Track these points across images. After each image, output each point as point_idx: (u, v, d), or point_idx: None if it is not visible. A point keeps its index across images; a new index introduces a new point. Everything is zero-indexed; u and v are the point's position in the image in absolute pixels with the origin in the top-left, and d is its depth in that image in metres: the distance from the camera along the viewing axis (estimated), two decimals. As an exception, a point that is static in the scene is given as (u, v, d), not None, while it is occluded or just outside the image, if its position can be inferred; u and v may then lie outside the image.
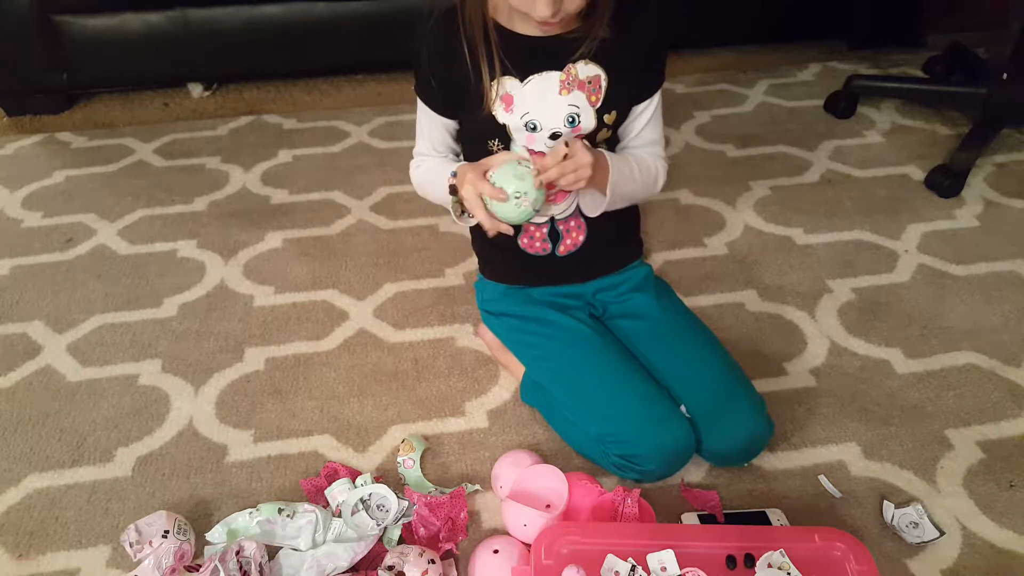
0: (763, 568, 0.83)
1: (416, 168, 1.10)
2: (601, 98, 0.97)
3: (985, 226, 1.53)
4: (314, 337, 1.29)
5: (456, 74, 0.96)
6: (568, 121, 0.97)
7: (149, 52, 1.94)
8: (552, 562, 0.85)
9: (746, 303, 1.35)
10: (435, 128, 1.04)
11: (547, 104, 0.96)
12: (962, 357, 1.23)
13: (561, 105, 0.96)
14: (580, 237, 1.07)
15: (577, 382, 1.03)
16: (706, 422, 0.99)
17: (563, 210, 1.05)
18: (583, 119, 0.97)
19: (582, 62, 0.96)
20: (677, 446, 0.97)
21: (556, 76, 0.95)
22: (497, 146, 1.00)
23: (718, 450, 1.01)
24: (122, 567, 0.95)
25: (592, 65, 0.96)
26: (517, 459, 1.03)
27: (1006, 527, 0.97)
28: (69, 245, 1.53)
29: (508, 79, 0.95)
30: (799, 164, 1.75)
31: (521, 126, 0.97)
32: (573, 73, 0.96)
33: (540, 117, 0.97)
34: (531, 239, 1.07)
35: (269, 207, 1.64)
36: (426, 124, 1.05)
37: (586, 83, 0.96)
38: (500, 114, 0.97)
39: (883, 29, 2.28)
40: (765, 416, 1.02)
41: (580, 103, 0.97)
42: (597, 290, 1.11)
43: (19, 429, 1.14)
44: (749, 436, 1.01)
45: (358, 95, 2.12)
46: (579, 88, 0.96)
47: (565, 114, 0.97)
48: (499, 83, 0.95)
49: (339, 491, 0.97)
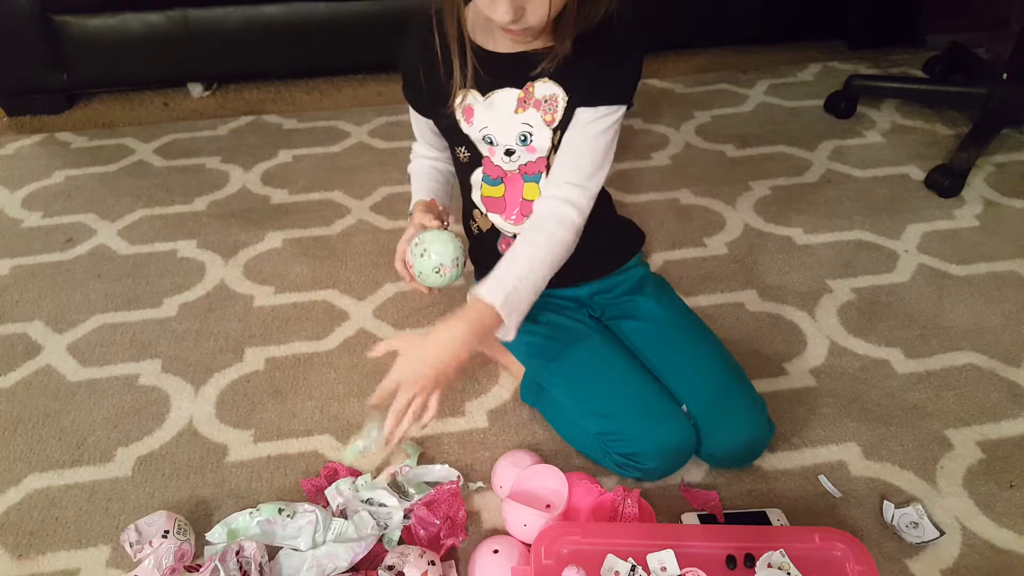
0: (763, 568, 0.83)
1: (411, 163, 1.16)
2: (557, 118, 0.95)
3: (985, 226, 1.53)
4: (314, 337, 1.29)
5: (430, 78, 0.98)
6: (520, 139, 0.97)
7: (149, 52, 1.94)
8: (552, 562, 0.85)
9: (746, 303, 1.35)
10: (419, 122, 1.08)
11: (502, 121, 0.96)
12: (962, 357, 1.23)
13: (514, 123, 0.96)
14: None
15: (577, 380, 1.03)
16: (706, 423, 0.99)
17: None
18: (536, 138, 0.97)
19: (541, 80, 0.94)
20: (678, 443, 0.97)
21: (515, 94, 0.95)
22: (464, 153, 1.02)
23: (718, 452, 1.01)
24: (122, 567, 0.95)
25: (551, 83, 0.94)
26: (517, 459, 1.03)
27: (1006, 527, 0.97)
28: (69, 245, 1.53)
29: (472, 92, 0.96)
30: (799, 164, 1.75)
31: (480, 139, 0.99)
32: (531, 91, 0.95)
33: (495, 133, 0.98)
34: (508, 247, 1.06)
35: (269, 207, 1.64)
36: (412, 116, 1.09)
37: (542, 102, 0.95)
38: (463, 125, 0.99)
39: (883, 29, 2.28)
40: (765, 418, 1.02)
41: (534, 122, 0.96)
42: (594, 293, 1.11)
43: (19, 429, 1.14)
44: (749, 438, 1.01)
45: (358, 95, 2.12)
46: (534, 107, 0.95)
47: (517, 132, 0.97)
48: (464, 95, 0.97)
49: (339, 491, 0.97)
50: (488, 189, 1.04)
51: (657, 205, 1.61)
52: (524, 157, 0.99)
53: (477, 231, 1.10)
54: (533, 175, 1.01)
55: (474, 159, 1.02)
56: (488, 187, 1.04)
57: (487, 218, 1.07)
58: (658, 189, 1.66)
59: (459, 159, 1.04)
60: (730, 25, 2.22)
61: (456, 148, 1.03)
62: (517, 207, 1.04)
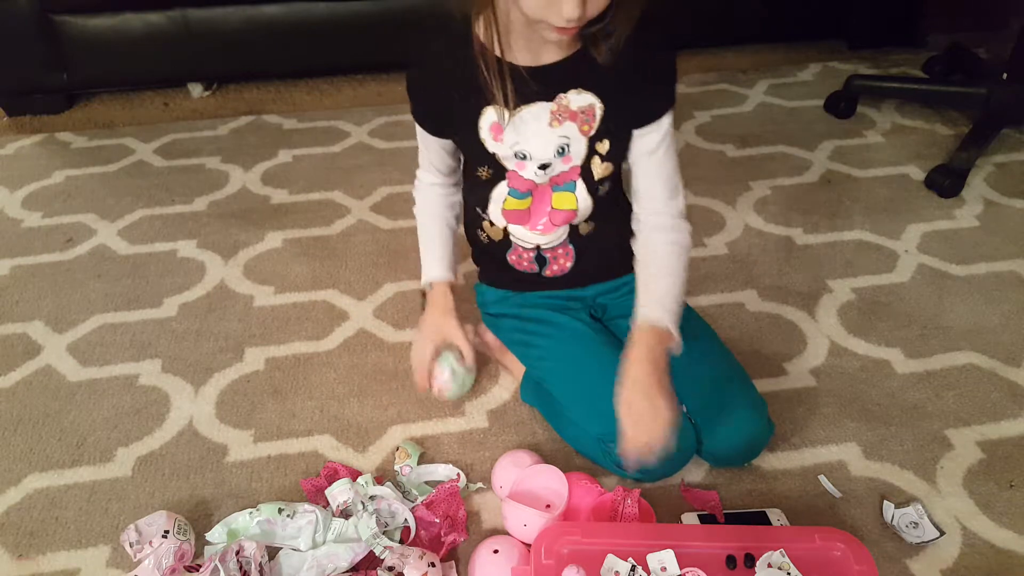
0: (763, 568, 0.83)
1: (417, 192, 1.13)
2: (595, 127, 0.94)
3: (985, 226, 1.53)
4: (314, 337, 1.29)
5: (454, 97, 0.94)
6: (558, 152, 0.95)
7: (149, 52, 1.94)
8: (552, 562, 0.85)
9: (746, 303, 1.35)
10: (429, 145, 1.04)
11: (536, 136, 0.94)
12: (962, 357, 1.23)
13: (551, 137, 0.94)
14: (568, 264, 1.06)
15: (577, 382, 1.03)
16: (706, 423, 0.99)
17: (549, 241, 1.04)
18: (573, 148, 0.95)
19: (574, 91, 0.92)
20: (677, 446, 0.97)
21: (547, 107, 0.92)
22: (486, 171, 0.99)
23: (718, 451, 1.01)
24: (122, 567, 0.95)
25: (586, 94, 0.92)
26: (517, 459, 1.03)
27: (1006, 527, 0.97)
28: (69, 245, 1.53)
29: (495, 109, 0.93)
30: (799, 164, 1.75)
31: (511, 155, 0.96)
32: (564, 103, 0.92)
33: (529, 148, 0.95)
34: (519, 257, 1.07)
35: (269, 207, 1.64)
36: (423, 144, 1.05)
37: (579, 113, 0.93)
38: (489, 143, 0.95)
39: (883, 29, 2.28)
40: (766, 417, 1.02)
41: (571, 133, 0.94)
42: (599, 293, 1.11)
43: (19, 429, 1.14)
44: (749, 437, 1.01)
45: (358, 95, 2.12)
46: (570, 119, 0.93)
47: (555, 146, 0.94)
48: (486, 113, 0.94)
49: (339, 491, 0.97)
50: (513, 203, 1.00)
51: (657, 205, 1.61)
52: (558, 168, 0.97)
53: (486, 240, 1.07)
54: (564, 184, 0.98)
55: (497, 175, 0.99)
56: (514, 200, 1.00)
57: (499, 228, 1.04)
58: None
59: (478, 177, 1.00)
60: (730, 25, 2.22)
61: (477, 167, 0.99)
62: (545, 217, 1.01)
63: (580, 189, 0.99)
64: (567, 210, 1.00)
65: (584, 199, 0.99)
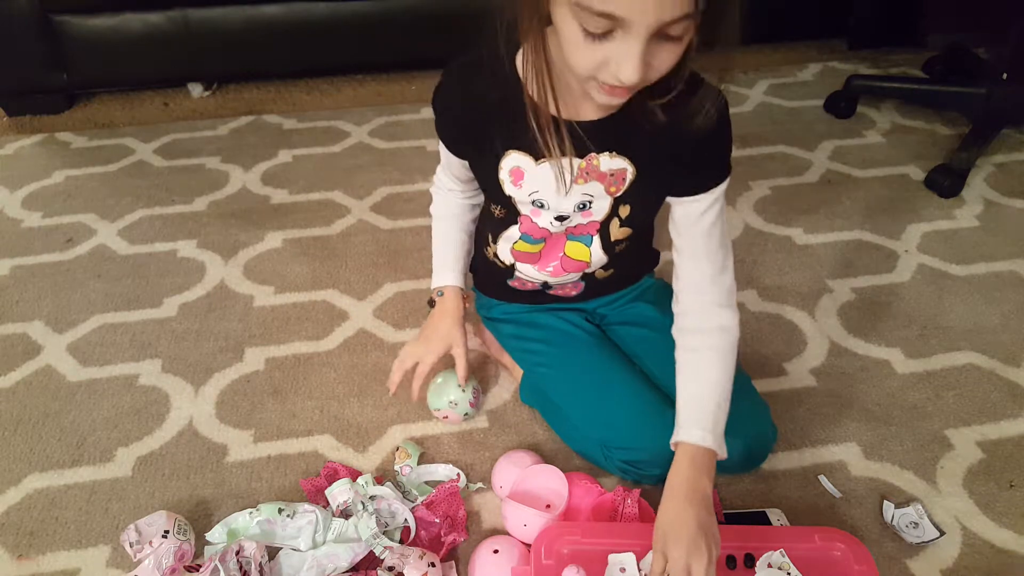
0: (763, 568, 0.83)
1: (435, 192, 1.09)
2: (623, 190, 0.90)
3: (985, 226, 1.53)
4: (314, 337, 1.29)
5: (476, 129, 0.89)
6: (578, 208, 0.91)
7: (149, 52, 1.94)
8: (552, 562, 0.85)
9: (746, 303, 1.35)
10: (454, 165, 1.00)
11: (558, 189, 0.89)
12: (962, 357, 1.23)
13: (574, 192, 0.89)
14: (574, 292, 1.06)
15: (577, 388, 1.03)
16: None
17: (559, 281, 1.02)
18: (596, 205, 0.91)
19: (607, 154, 0.87)
20: None
21: (574, 164, 0.87)
22: (499, 211, 0.96)
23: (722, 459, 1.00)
24: (122, 567, 0.95)
25: (619, 159, 0.87)
26: (517, 459, 1.03)
27: (1006, 527, 0.97)
28: (69, 245, 1.53)
29: (521, 155, 0.88)
30: (799, 164, 1.75)
31: (528, 202, 0.92)
32: (594, 164, 0.87)
33: (548, 199, 0.91)
34: (522, 284, 1.06)
35: (269, 207, 1.64)
36: (444, 158, 1.01)
37: (607, 175, 0.88)
38: (507, 186, 0.91)
39: (883, 29, 2.28)
40: (769, 423, 1.01)
41: (596, 192, 0.90)
42: (599, 305, 1.11)
43: (19, 429, 1.14)
44: (752, 443, 0.99)
45: (358, 95, 2.12)
46: (598, 179, 0.89)
47: (577, 202, 0.91)
48: (508, 156, 0.89)
49: (339, 491, 0.97)
50: (524, 246, 0.98)
51: (657, 205, 1.61)
52: (576, 220, 0.93)
53: (493, 257, 1.04)
54: (580, 236, 0.96)
55: (510, 217, 0.96)
56: (525, 244, 0.98)
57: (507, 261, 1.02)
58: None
59: (491, 214, 0.98)
60: (730, 25, 2.22)
61: (491, 204, 0.96)
62: (556, 261, 0.99)
63: (595, 244, 0.96)
64: (580, 260, 0.98)
65: (598, 253, 0.97)
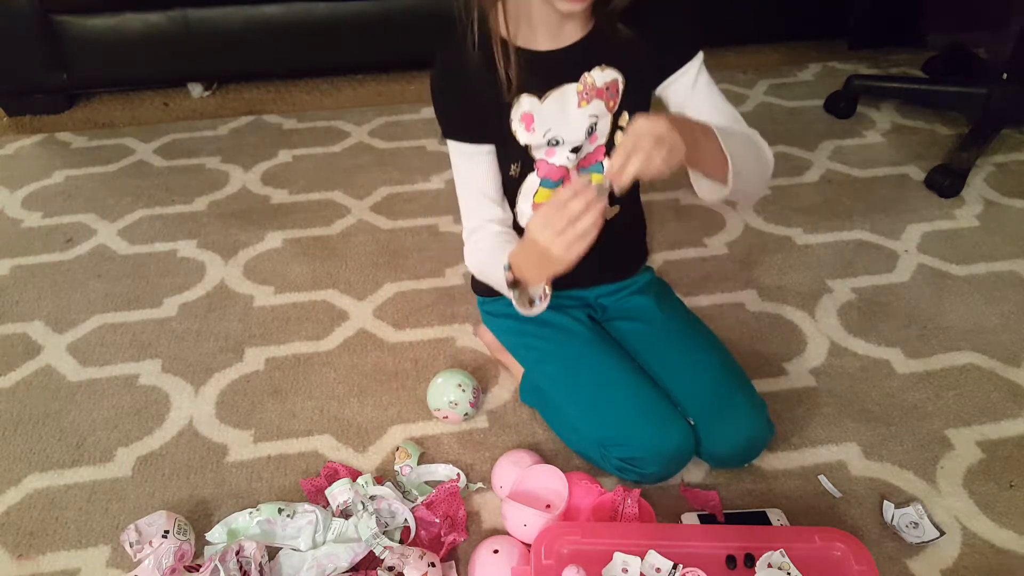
0: (763, 568, 0.83)
1: (472, 242, 1.03)
2: (618, 102, 0.95)
3: (985, 226, 1.53)
4: (314, 337, 1.29)
5: (476, 102, 0.94)
6: (588, 132, 0.95)
7: (149, 52, 1.95)
8: (552, 562, 0.85)
9: (746, 303, 1.35)
10: (479, 167, 0.98)
11: (567, 118, 0.94)
12: (962, 357, 1.23)
13: (581, 117, 0.94)
14: None
15: (576, 385, 1.03)
16: (705, 424, 0.99)
17: None
18: (600, 126, 0.96)
19: (597, 69, 0.93)
20: (676, 449, 0.97)
21: (573, 88, 0.93)
22: (516, 168, 0.98)
23: (717, 452, 1.01)
24: (122, 567, 0.95)
25: (608, 69, 0.93)
26: (517, 459, 1.03)
27: (1006, 527, 0.97)
28: (69, 245, 1.53)
29: (526, 98, 0.93)
30: (799, 164, 1.75)
31: (544, 143, 0.95)
32: (589, 82, 0.93)
33: (561, 132, 0.95)
34: None
35: (269, 207, 1.64)
36: (466, 170, 0.99)
37: (604, 90, 0.93)
38: (521, 134, 0.95)
39: (883, 29, 2.28)
40: (765, 418, 1.01)
41: (598, 111, 0.94)
42: (599, 295, 1.11)
43: (19, 429, 1.14)
44: (748, 438, 1.01)
45: (358, 95, 2.12)
46: (597, 96, 0.93)
47: (585, 126, 0.95)
48: (518, 103, 0.93)
49: (339, 491, 0.97)
50: (545, 193, 0.99)
51: (657, 205, 1.61)
52: (586, 149, 0.97)
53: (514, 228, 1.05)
54: (591, 166, 0.99)
55: (526, 168, 0.98)
56: (546, 191, 0.99)
57: None
58: (658, 189, 1.66)
59: (510, 178, 0.99)
60: (730, 25, 2.22)
61: (511, 165, 0.98)
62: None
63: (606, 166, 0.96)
64: None
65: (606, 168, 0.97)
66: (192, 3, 1.90)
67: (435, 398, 1.11)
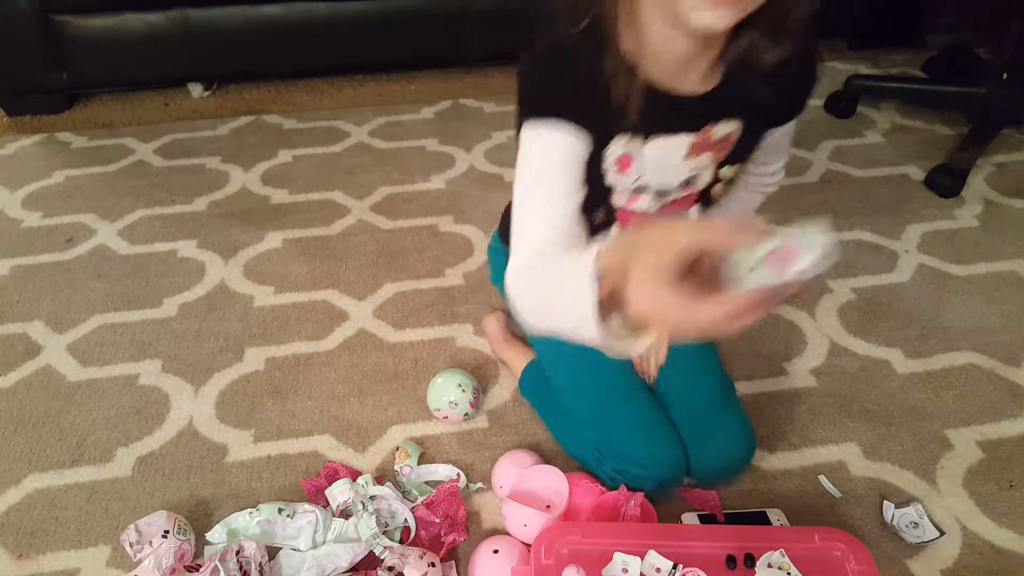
0: (763, 568, 0.83)
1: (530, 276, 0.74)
2: (728, 153, 0.85)
3: (985, 226, 1.53)
4: (314, 337, 1.29)
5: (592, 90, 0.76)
6: (683, 183, 0.86)
7: (149, 52, 1.94)
8: (552, 562, 0.85)
9: (746, 303, 1.35)
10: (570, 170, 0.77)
11: (668, 167, 0.83)
12: (962, 357, 1.23)
13: (683, 169, 0.83)
14: None
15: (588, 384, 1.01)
16: (693, 443, 0.97)
17: None
18: (700, 178, 0.86)
19: (724, 121, 0.81)
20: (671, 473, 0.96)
21: (687, 140, 0.81)
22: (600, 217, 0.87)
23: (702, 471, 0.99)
24: (122, 567, 0.95)
25: (732, 122, 0.82)
26: (517, 459, 1.03)
27: (1006, 527, 0.97)
28: (69, 245, 1.53)
29: (630, 139, 0.80)
30: (799, 164, 1.75)
31: (630, 189, 0.85)
32: (708, 134, 0.81)
33: (654, 180, 0.84)
34: None
35: (269, 207, 1.64)
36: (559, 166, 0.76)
37: (718, 143, 0.83)
38: (610, 174, 0.82)
39: (883, 29, 2.28)
40: (750, 439, 1.00)
41: (704, 164, 0.84)
42: None
43: (19, 429, 1.14)
44: (733, 459, 0.99)
45: (358, 95, 2.12)
46: (709, 149, 0.83)
47: (685, 177, 0.85)
48: (618, 142, 0.80)
49: (339, 491, 0.97)
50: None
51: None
52: (674, 195, 0.87)
53: None
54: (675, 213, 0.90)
55: (609, 218, 0.88)
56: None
57: None
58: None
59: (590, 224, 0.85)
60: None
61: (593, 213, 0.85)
62: None
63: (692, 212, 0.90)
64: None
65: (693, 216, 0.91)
66: (192, 3, 1.89)
67: (435, 398, 1.11)
